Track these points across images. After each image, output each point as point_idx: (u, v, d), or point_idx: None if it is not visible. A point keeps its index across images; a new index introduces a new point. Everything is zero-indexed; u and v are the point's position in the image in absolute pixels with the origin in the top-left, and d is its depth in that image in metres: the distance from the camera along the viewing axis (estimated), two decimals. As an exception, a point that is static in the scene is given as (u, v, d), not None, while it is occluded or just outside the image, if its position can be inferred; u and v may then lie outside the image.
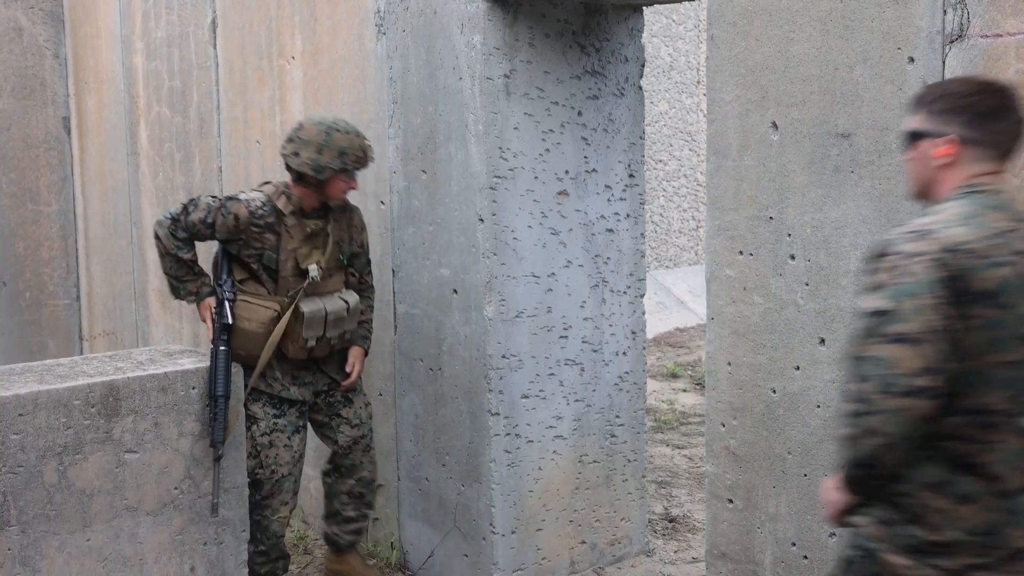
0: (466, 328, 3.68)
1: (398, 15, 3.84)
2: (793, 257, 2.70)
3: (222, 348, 3.35)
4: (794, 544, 2.77)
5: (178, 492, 3.19)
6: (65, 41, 6.54)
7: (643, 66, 3.99)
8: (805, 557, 2.74)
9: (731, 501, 2.92)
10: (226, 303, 3.46)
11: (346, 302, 3.61)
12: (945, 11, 2.35)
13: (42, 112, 6.49)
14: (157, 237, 3.51)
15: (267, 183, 3.62)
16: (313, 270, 3.52)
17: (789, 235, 2.70)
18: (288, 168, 3.52)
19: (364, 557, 3.96)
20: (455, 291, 3.71)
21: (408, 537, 4.06)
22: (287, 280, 3.52)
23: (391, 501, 4.12)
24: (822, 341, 2.66)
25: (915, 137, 1.95)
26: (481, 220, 3.58)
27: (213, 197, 3.53)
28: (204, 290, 3.53)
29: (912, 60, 2.41)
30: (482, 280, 3.59)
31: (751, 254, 2.79)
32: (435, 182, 3.76)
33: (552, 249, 3.74)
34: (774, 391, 2.78)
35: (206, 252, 3.72)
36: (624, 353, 4.00)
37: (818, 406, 2.68)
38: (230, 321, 3.43)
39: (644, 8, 3.90)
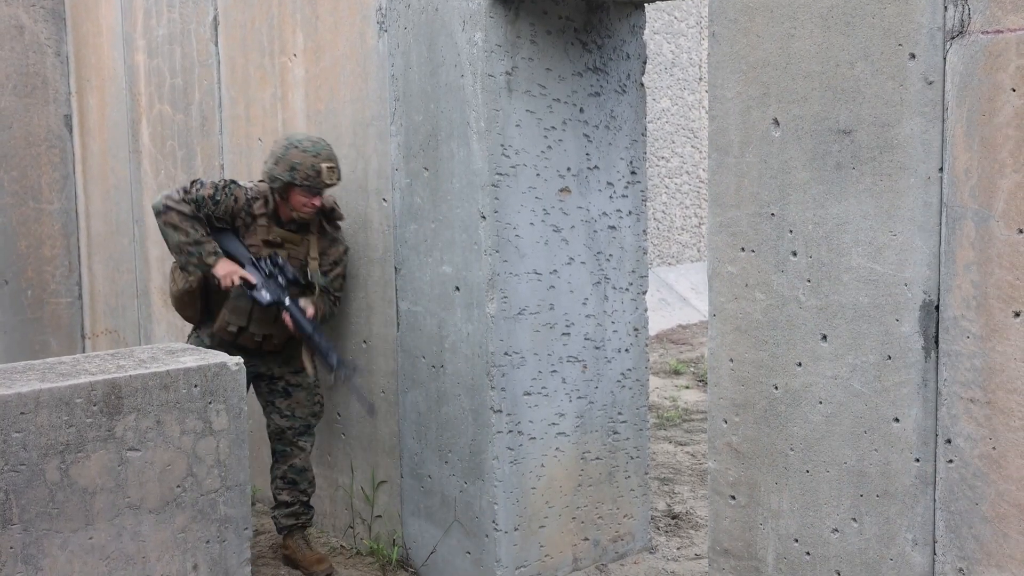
0: (468, 325, 3.68)
1: (400, 12, 3.84)
2: (795, 253, 2.69)
3: (289, 301, 3.77)
4: (796, 540, 2.77)
5: (180, 490, 3.19)
6: (66, 39, 6.54)
7: (645, 63, 3.99)
8: (808, 553, 2.75)
9: (733, 497, 2.92)
10: (288, 266, 3.81)
11: None
12: (946, 7, 2.34)
13: (44, 110, 6.49)
14: (168, 208, 3.72)
15: (262, 181, 3.92)
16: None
17: (791, 231, 2.69)
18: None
19: (308, 540, 4.18)
20: (457, 288, 3.71)
21: (410, 534, 4.07)
22: None
23: (393, 498, 4.13)
24: (824, 337, 2.65)
25: None
26: (483, 217, 3.57)
27: (214, 180, 3.85)
28: (220, 250, 3.78)
29: (913, 56, 2.41)
30: (484, 277, 3.59)
31: (753, 251, 2.79)
32: (437, 179, 3.76)
33: (554, 246, 3.74)
34: (776, 387, 2.78)
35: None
36: (626, 350, 4.00)
37: (820, 402, 2.68)
38: (301, 280, 3.84)
39: (646, 5, 3.89)
